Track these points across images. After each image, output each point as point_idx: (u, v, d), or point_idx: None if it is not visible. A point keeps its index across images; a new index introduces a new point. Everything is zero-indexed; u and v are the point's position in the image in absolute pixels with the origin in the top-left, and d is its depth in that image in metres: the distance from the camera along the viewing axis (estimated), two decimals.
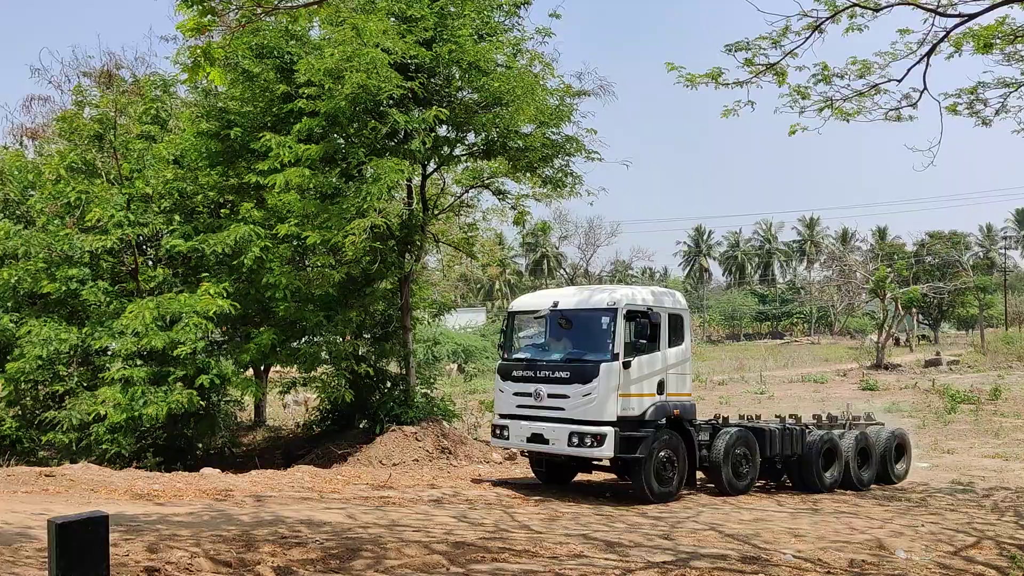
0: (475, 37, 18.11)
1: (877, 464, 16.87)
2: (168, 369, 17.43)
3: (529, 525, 11.23)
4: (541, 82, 18.65)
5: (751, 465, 15.11)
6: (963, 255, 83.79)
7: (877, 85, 12.70)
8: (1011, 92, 13.20)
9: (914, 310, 66.30)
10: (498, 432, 14.73)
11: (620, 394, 13.49)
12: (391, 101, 17.27)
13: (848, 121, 13.14)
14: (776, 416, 17.43)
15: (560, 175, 19.66)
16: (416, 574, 7.63)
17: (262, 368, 22.79)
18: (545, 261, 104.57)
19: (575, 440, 13.48)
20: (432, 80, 18.27)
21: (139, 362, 17.48)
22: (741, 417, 17.04)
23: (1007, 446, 21.77)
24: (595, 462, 14.61)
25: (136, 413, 16.55)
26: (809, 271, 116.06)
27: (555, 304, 14.63)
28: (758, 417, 17.34)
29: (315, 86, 16.73)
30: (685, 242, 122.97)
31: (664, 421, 13.98)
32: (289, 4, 9.50)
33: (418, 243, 19.48)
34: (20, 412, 19.24)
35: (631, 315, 13.74)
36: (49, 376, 18.11)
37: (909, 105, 13.09)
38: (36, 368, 17.55)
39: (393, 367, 21.02)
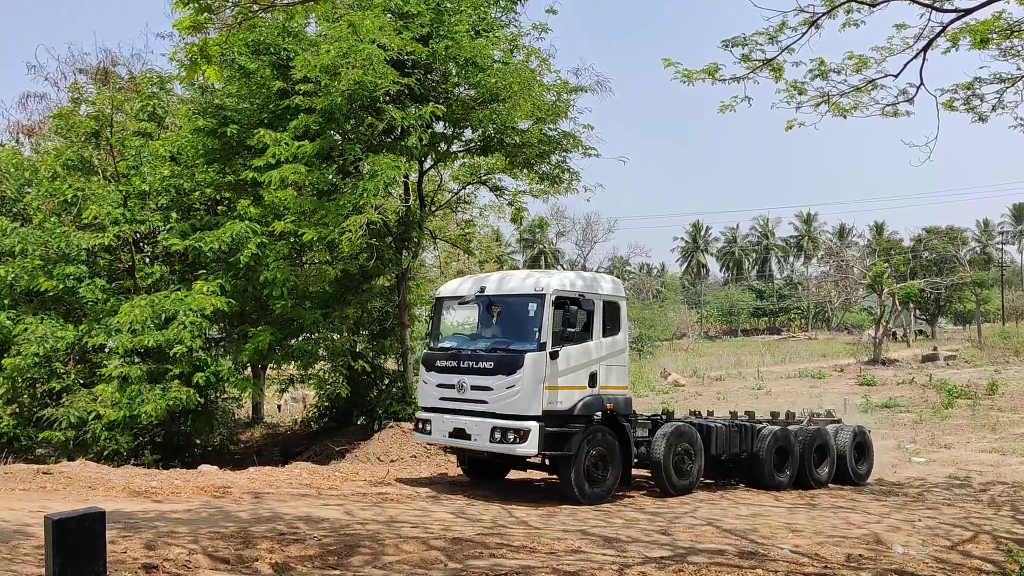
0: (471, 33, 18.09)
1: (836, 463, 16.20)
2: (165, 367, 17.41)
3: (527, 521, 11.23)
4: (538, 78, 18.66)
5: (694, 463, 14.23)
6: (960, 250, 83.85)
7: (874, 80, 12.73)
8: (1007, 87, 13.22)
9: (911, 305, 66.42)
10: (420, 426, 13.85)
11: (547, 386, 12.56)
12: (387, 97, 17.27)
13: (845, 117, 13.17)
14: (730, 413, 16.75)
15: (557, 171, 19.68)
16: (414, 570, 7.63)
17: (260, 366, 22.79)
18: (542, 258, 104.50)
19: (497, 436, 12.56)
20: (429, 76, 18.26)
21: (136, 359, 17.48)
22: (693, 413, 16.44)
23: (1004, 441, 21.80)
24: (530, 459, 13.48)
25: (134, 411, 16.54)
26: (807, 267, 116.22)
27: (482, 289, 13.67)
28: (711, 413, 16.75)
29: (311, 83, 16.72)
30: (683, 238, 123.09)
31: (599, 416, 13.07)
32: (285, 1, 9.49)
33: (415, 240, 19.48)
34: (17, 409, 19.24)
35: (560, 301, 12.78)
36: (46, 373, 18.10)
37: (906, 100, 13.12)
38: (33, 365, 17.54)
39: (391, 364, 21.03)
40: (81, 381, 18.20)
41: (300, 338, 19.49)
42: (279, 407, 27.98)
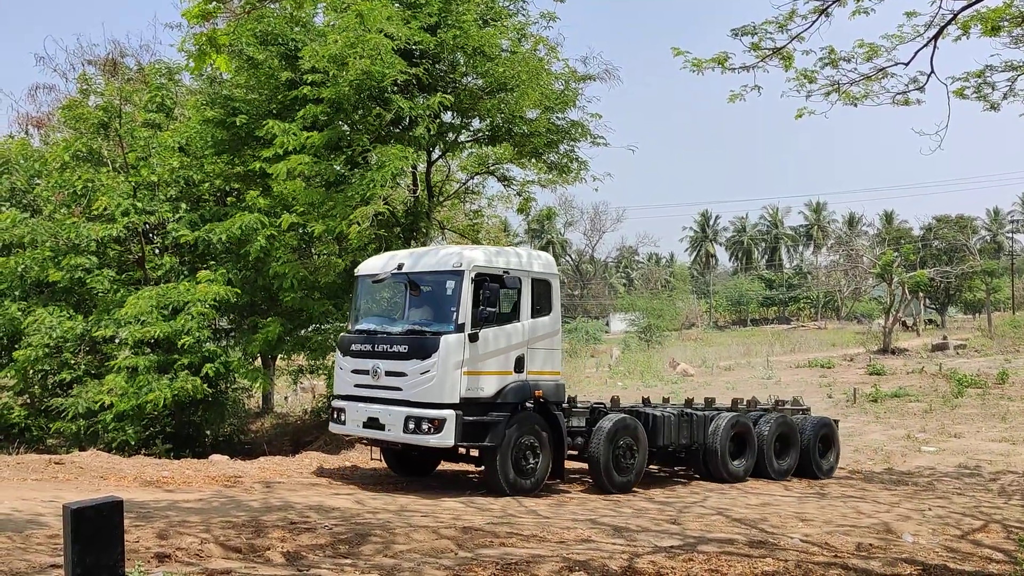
0: (480, 22, 18.05)
1: (798, 454, 15.51)
2: (174, 357, 17.47)
3: (537, 510, 11.26)
4: (546, 67, 18.59)
5: (636, 456, 13.27)
6: (970, 239, 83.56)
7: (884, 69, 12.64)
8: (1019, 75, 13.11)
9: (921, 294, 66.16)
10: (335, 415, 12.95)
11: (466, 371, 11.69)
12: (395, 87, 17.24)
13: (855, 105, 13.09)
14: (685, 400, 16.03)
15: (565, 160, 19.63)
16: (425, 559, 7.66)
17: (269, 356, 22.86)
18: (551, 248, 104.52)
19: (411, 426, 11.67)
20: (436, 66, 18.22)
21: (146, 350, 17.54)
22: (644, 401, 15.35)
23: (1014, 430, 21.74)
24: (456, 450, 12.60)
25: (141, 401, 16.60)
26: (816, 256, 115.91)
27: (399, 266, 12.71)
28: (666, 400, 16.15)
29: (319, 73, 16.70)
30: (691, 227, 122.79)
31: (531, 403, 12.28)
32: None
33: (424, 230, 19.46)
34: (29, 400, 19.34)
35: (481, 278, 11.91)
36: (57, 364, 18.18)
37: (916, 89, 13.03)
38: (44, 356, 17.61)
39: None
40: (91, 372, 18.27)
41: (310, 329, 19.53)
42: (286, 398, 28.09)
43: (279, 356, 22.75)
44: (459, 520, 9.96)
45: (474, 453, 12.81)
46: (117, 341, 17.85)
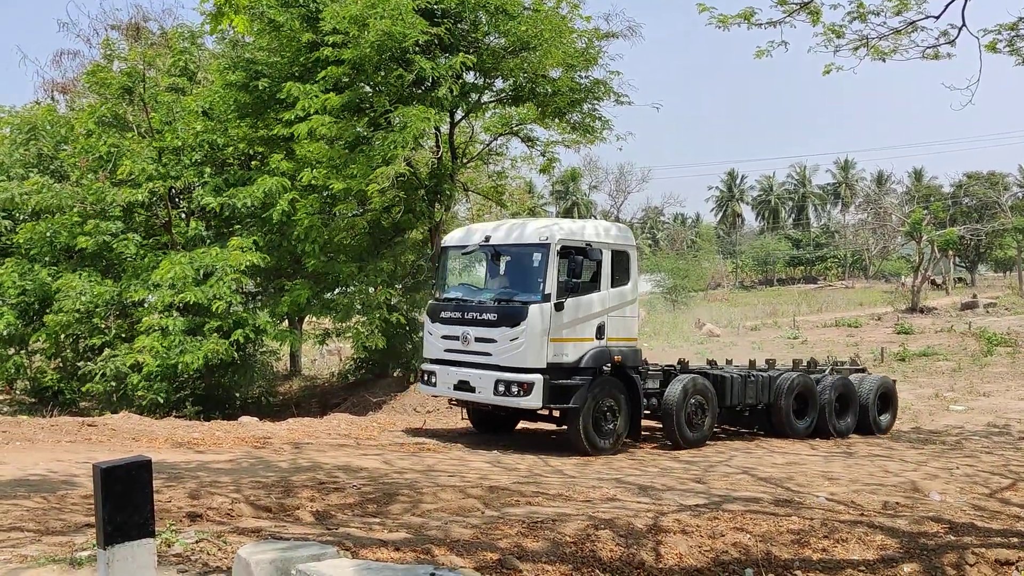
0: None
1: (858, 413, 16.01)
2: (204, 320, 17.64)
3: (562, 470, 11.33)
4: (568, 24, 18.38)
5: (707, 415, 14.01)
6: (1002, 196, 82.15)
7: (914, 22, 12.38)
8: None
9: (951, 252, 65.38)
10: (425, 378, 13.69)
11: (552, 339, 12.33)
12: (417, 48, 17.11)
13: (884, 60, 12.86)
14: (749, 361, 16.48)
15: (588, 120, 19.47)
16: (452, 517, 7.74)
17: (296, 318, 23.05)
18: (575, 209, 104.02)
19: (501, 388, 12.34)
20: (458, 26, 18.07)
21: (176, 313, 17.71)
22: (709, 363, 16.03)
23: None
24: (539, 412, 13.24)
25: (173, 361, 16.80)
26: (844, 215, 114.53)
27: (486, 239, 13.32)
28: (729, 362, 16.54)
29: (340, 34, 16.62)
30: (718, 187, 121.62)
31: (608, 368, 12.83)
32: None
33: (447, 192, 19.43)
34: (61, 364, 19.63)
35: (566, 251, 12.45)
36: (88, 329, 18.42)
37: (947, 42, 12.76)
38: (75, 321, 17.84)
39: (425, 317, 21.12)
40: (122, 336, 18.50)
41: (336, 292, 19.63)
42: (314, 361, 28.33)
43: (306, 319, 22.94)
44: (486, 480, 10.04)
45: (553, 413, 13.49)
46: (147, 305, 18.04)
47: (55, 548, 6.00)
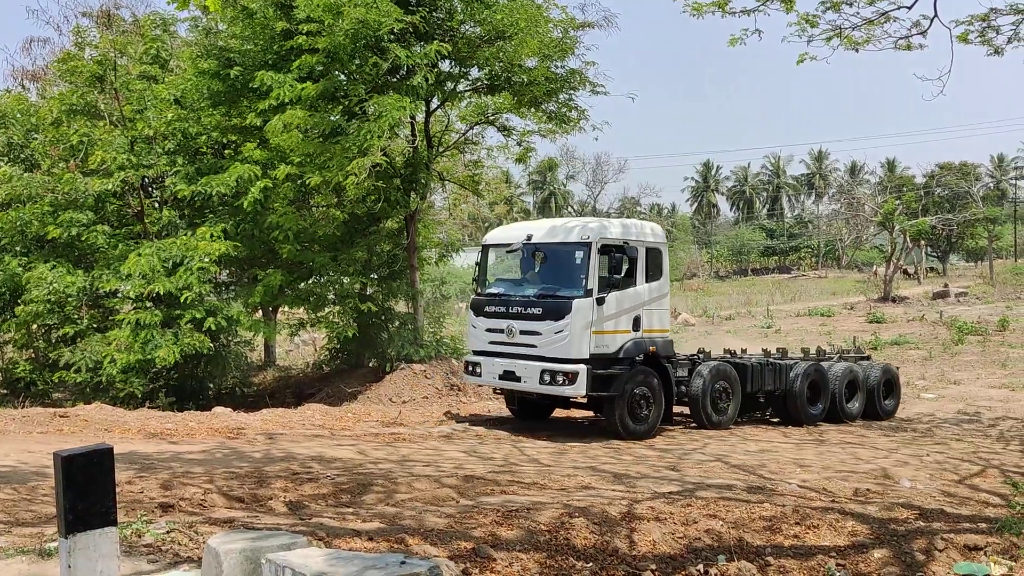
0: None
1: (864, 398, 16.77)
2: (178, 312, 17.51)
3: (538, 459, 11.36)
4: (544, 14, 18.33)
5: (731, 400, 14.94)
6: (973, 186, 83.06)
7: (887, 12, 12.49)
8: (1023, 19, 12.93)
9: (923, 242, 66.01)
10: (471, 368, 14.43)
11: (594, 331, 13.11)
12: (392, 36, 17.00)
13: (857, 50, 12.97)
14: (762, 350, 17.31)
15: (564, 109, 19.45)
16: (427, 507, 7.74)
17: (270, 309, 22.91)
18: (553, 199, 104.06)
19: (547, 378, 13.13)
20: (433, 14, 17.97)
21: (149, 304, 17.56)
22: (726, 352, 16.90)
23: (1014, 376, 21.84)
24: (573, 400, 14.34)
25: (148, 355, 16.68)
26: (818, 205, 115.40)
27: (528, 237, 14.11)
28: (744, 351, 17.24)
29: (315, 22, 16.47)
30: (693, 178, 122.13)
31: (640, 358, 13.70)
32: None
33: (423, 181, 19.35)
34: (33, 355, 19.41)
35: (606, 249, 13.25)
36: (60, 319, 18.22)
37: (919, 33, 12.88)
38: (46, 311, 17.65)
39: (401, 307, 21.09)
40: (95, 326, 18.32)
41: (310, 281, 19.51)
42: (288, 351, 28.19)
43: (279, 309, 22.82)
44: (461, 469, 10.05)
45: (579, 400, 14.39)
46: (119, 296, 17.85)
47: (24, 539, 5.95)
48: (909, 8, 12.22)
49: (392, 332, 19.92)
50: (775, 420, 16.26)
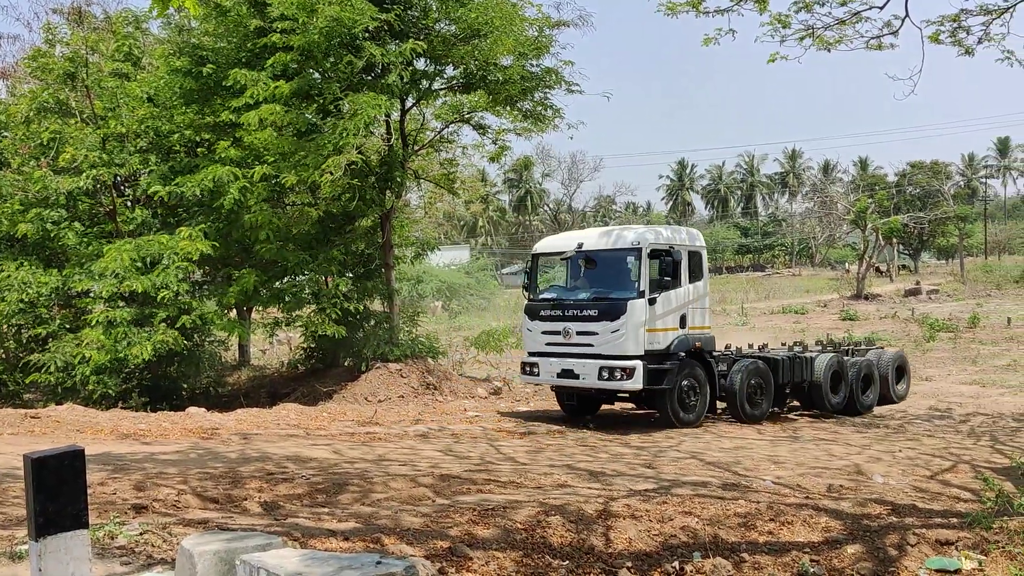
0: None
1: (879, 386, 17.62)
2: (151, 310, 17.35)
3: (514, 457, 11.37)
4: (519, 12, 18.33)
5: (765, 394, 15.74)
6: (944, 185, 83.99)
7: (859, 12, 12.56)
8: (994, 19, 13.05)
9: (895, 240, 66.70)
10: (528, 369, 15.27)
11: (647, 329, 14.04)
12: (367, 34, 16.94)
13: (829, 50, 13.04)
14: (782, 344, 18.09)
15: (540, 108, 19.46)
16: (403, 506, 7.72)
17: (245, 308, 22.75)
18: (528, 197, 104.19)
19: (605, 374, 14.01)
20: (408, 12, 17.92)
21: (121, 304, 17.39)
22: (750, 347, 17.45)
23: (984, 373, 22.09)
24: (620, 394, 15.28)
25: (121, 354, 16.52)
26: (791, 203, 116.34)
27: (580, 245, 15.09)
28: (765, 346, 17.77)
29: (289, 20, 16.39)
30: (668, 176, 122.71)
31: (685, 353, 14.57)
32: None
33: (398, 180, 19.30)
34: (4, 355, 19.17)
35: (655, 253, 14.19)
36: (31, 319, 18.00)
37: (891, 33, 12.96)
38: (17, 311, 17.43)
39: (377, 305, 21.01)
40: (67, 326, 18.11)
41: (284, 280, 19.40)
42: (263, 351, 28.01)
43: (255, 308, 22.68)
44: (437, 468, 10.03)
45: (624, 395, 15.40)
46: (92, 295, 17.66)
47: None
48: (881, 8, 12.32)
49: (367, 331, 19.84)
50: (798, 408, 17.18)
